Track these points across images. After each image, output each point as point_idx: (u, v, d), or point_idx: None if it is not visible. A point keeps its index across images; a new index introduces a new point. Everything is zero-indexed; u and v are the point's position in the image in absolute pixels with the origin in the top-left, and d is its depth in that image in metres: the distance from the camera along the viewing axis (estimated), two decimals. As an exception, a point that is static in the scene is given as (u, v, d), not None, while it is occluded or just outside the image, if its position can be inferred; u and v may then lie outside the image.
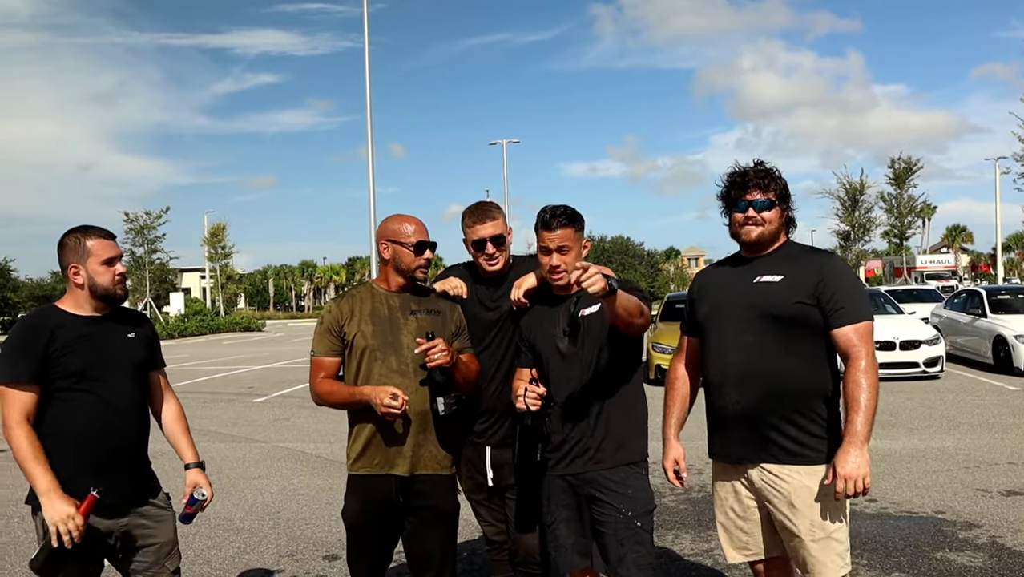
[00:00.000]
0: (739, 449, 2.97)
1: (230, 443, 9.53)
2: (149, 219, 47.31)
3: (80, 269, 2.93)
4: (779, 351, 2.87)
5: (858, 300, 2.85)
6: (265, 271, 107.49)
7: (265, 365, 20.73)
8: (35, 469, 2.78)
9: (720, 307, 3.01)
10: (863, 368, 2.76)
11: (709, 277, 3.17)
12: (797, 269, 2.91)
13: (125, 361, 3.02)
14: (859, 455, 2.71)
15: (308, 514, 6.33)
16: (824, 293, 2.84)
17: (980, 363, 15.07)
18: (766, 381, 2.88)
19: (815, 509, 2.86)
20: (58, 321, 2.91)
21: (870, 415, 2.74)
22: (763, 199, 2.93)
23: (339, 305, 3.25)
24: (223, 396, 14.24)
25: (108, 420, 2.92)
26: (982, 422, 9.49)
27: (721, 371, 2.97)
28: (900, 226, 50.88)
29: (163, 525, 3.07)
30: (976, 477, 6.88)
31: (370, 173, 24.79)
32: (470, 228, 3.43)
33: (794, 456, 2.88)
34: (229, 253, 61.32)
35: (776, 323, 2.87)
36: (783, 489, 2.89)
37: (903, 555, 4.95)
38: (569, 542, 3.07)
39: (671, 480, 3.14)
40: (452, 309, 3.34)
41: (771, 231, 2.96)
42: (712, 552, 5.11)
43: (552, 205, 3.11)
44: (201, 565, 5.14)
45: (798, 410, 2.87)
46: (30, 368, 2.82)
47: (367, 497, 3.19)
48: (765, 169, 2.99)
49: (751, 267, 2.99)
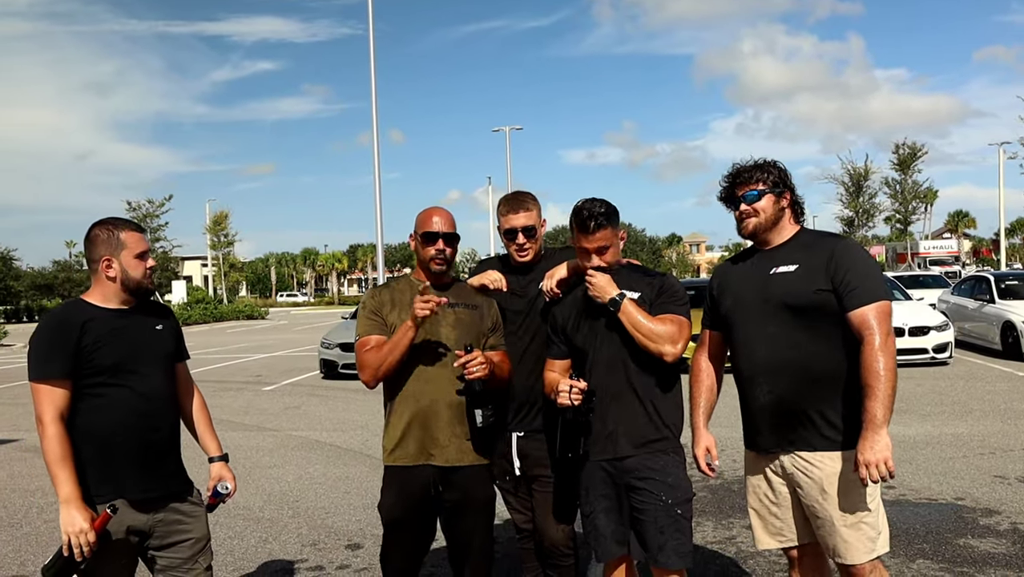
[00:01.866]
0: (772, 438, 2.99)
1: (243, 432, 9.55)
2: (152, 208, 47.38)
3: (113, 262, 2.90)
4: (803, 340, 2.89)
5: (871, 280, 2.84)
6: (267, 259, 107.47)
7: (271, 353, 20.77)
8: (60, 473, 2.74)
9: (741, 301, 3.05)
10: (876, 348, 2.74)
11: (728, 271, 3.20)
12: (810, 256, 2.93)
13: (156, 354, 3.00)
14: (879, 440, 2.71)
15: (327, 503, 6.34)
16: (836, 276, 2.84)
17: (988, 349, 15.08)
18: (794, 370, 2.90)
19: (845, 494, 2.87)
20: (88, 315, 2.87)
21: (886, 398, 2.72)
22: (752, 191, 2.99)
23: (380, 292, 3.31)
24: (232, 384, 14.26)
25: (142, 414, 2.90)
26: (994, 408, 9.50)
27: (751, 364, 3.01)
28: (904, 212, 50.85)
29: (197, 521, 3.05)
30: (992, 463, 6.88)
31: (375, 160, 24.74)
32: (503, 216, 3.45)
33: (826, 441, 2.89)
34: (232, 241, 61.46)
35: (796, 313, 2.89)
36: (815, 475, 2.91)
37: (925, 542, 4.95)
38: (608, 531, 3.07)
39: (702, 468, 3.14)
40: (489, 305, 3.36)
41: (767, 219, 3.00)
42: (735, 540, 5.12)
43: (587, 201, 3.06)
44: (224, 555, 5.15)
45: (827, 397, 2.89)
46: (63, 364, 2.78)
47: (404, 489, 3.19)
48: (754, 164, 3.05)
49: (767, 258, 3.03)
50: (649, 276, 3.16)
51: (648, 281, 3.12)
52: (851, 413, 2.87)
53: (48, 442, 2.75)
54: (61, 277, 60.37)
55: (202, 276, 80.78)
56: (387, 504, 3.24)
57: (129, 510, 2.85)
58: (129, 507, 2.85)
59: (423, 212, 3.30)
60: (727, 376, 3.26)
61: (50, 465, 2.75)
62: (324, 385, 13.52)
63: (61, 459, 2.74)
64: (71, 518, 2.71)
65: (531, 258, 3.47)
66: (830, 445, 2.90)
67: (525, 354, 3.45)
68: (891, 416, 2.75)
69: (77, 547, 2.69)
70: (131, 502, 2.86)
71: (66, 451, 2.75)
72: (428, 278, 3.28)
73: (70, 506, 2.72)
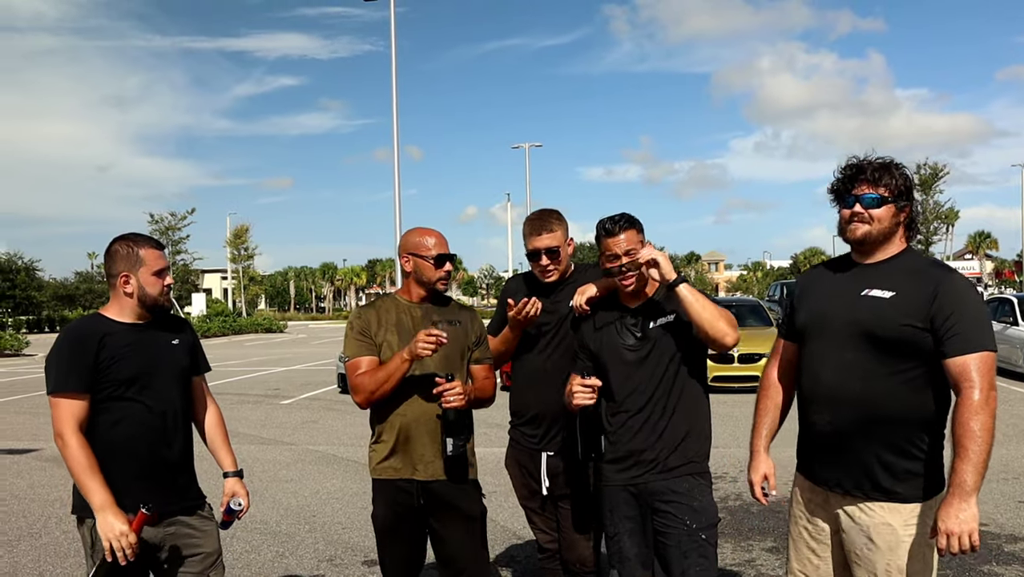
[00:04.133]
0: (824, 471, 2.74)
1: (260, 445, 9.57)
2: (174, 220, 47.82)
3: (131, 278, 2.92)
4: (880, 374, 2.59)
5: (979, 326, 2.51)
6: (286, 272, 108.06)
7: (290, 367, 20.83)
8: (90, 483, 2.76)
9: (821, 316, 2.74)
10: (975, 406, 2.42)
11: (814, 279, 2.88)
12: (911, 286, 2.59)
13: (171, 368, 3.01)
14: (965, 509, 2.39)
15: (344, 518, 6.34)
16: (939, 316, 2.51)
17: (1012, 372, 14.90)
18: (861, 405, 2.61)
19: (895, 551, 2.59)
20: (106, 329, 2.89)
21: (980, 463, 2.40)
22: (873, 194, 2.63)
23: (367, 312, 3.30)
24: (250, 398, 14.31)
25: (156, 428, 2.91)
26: (1018, 432, 9.37)
27: (814, 387, 2.73)
28: (926, 232, 50.52)
29: (208, 535, 3.05)
30: (1016, 489, 6.79)
31: (396, 176, 24.89)
32: (527, 238, 3.46)
33: (882, 491, 2.61)
34: (252, 254, 61.87)
35: (879, 344, 2.58)
36: (863, 522, 2.64)
37: (949, 568, 4.87)
38: (632, 553, 3.04)
39: (756, 496, 2.94)
40: (472, 319, 3.39)
41: (880, 231, 2.66)
42: (754, 562, 5.06)
43: (607, 216, 3.09)
44: (241, 569, 5.15)
45: (893, 441, 2.60)
46: (81, 377, 2.80)
47: (393, 500, 3.23)
48: (881, 163, 2.69)
49: (861, 275, 2.70)
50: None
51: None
52: (916, 464, 2.60)
53: (72, 453, 2.77)
54: (83, 288, 60.99)
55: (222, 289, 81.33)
56: (379, 515, 3.28)
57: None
58: None
59: (421, 233, 3.29)
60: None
61: (78, 476, 2.77)
62: (342, 400, 13.53)
63: (89, 468, 2.76)
64: (109, 524, 2.73)
65: (555, 278, 3.47)
66: (886, 496, 2.61)
67: (553, 372, 3.43)
68: (982, 482, 2.44)
69: (120, 550, 2.71)
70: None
71: (92, 460, 2.77)
72: (428, 298, 3.30)
73: (106, 512, 2.74)
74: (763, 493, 2.93)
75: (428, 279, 3.25)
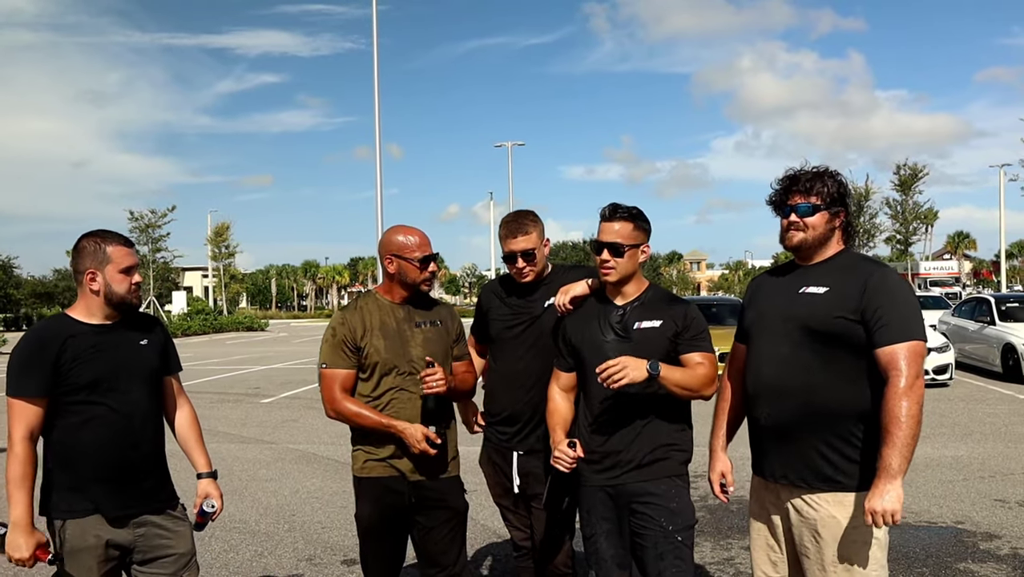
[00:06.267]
0: (771, 465, 2.85)
1: (240, 444, 9.50)
2: (154, 218, 47.45)
3: (97, 275, 2.86)
4: (814, 366, 2.71)
5: (907, 316, 2.62)
6: (267, 271, 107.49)
7: (270, 365, 20.72)
8: (15, 494, 2.73)
9: (764, 315, 2.89)
10: (901, 391, 2.53)
11: (762, 284, 3.03)
12: (844, 281, 2.72)
13: (138, 370, 2.95)
14: (890, 490, 2.52)
15: (323, 518, 6.31)
16: (869, 307, 2.63)
17: (988, 371, 15.05)
18: (798, 397, 2.73)
19: (841, 541, 2.69)
20: (69, 331, 2.83)
21: (905, 447, 2.51)
22: (805, 204, 2.78)
23: (351, 318, 3.23)
24: (230, 396, 14.22)
25: (121, 431, 2.86)
26: (995, 431, 9.46)
27: (755, 383, 2.86)
28: (905, 232, 50.94)
29: (180, 536, 3.01)
30: (993, 487, 6.85)
31: (378, 174, 24.80)
32: (503, 240, 3.45)
33: (825, 481, 2.71)
34: (233, 252, 61.48)
35: (814, 337, 2.71)
36: (810, 516, 2.75)
37: (925, 565, 4.92)
38: (609, 554, 3.04)
39: (716, 493, 3.06)
40: (452, 318, 3.41)
41: (815, 237, 2.80)
42: (733, 561, 5.08)
43: (616, 202, 3.09)
44: (219, 569, 5.11)
45: (831, 431, 2.70)
46: (39, 381, 2.76)
47: (381, 499, 3.21)
48: (815, 172, 2.83)
49: (801, 276, 2.85)
50: (672, 304, 3.09)
51: (670, 312, 3.04)
52: (854, 451, 2.69)
53: (11, 461, 2.74)
54: (62, 286, 60.32)
55: (202, 287, 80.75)
56: (364, 514, 3.25)
57: (108, 526, 2.83)
58: (107, 523, 2.83)
59: (404, 233, 3.25)
60: None
61: (8, 484, 2.73)
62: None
63: (20, 479, 2.73)
64: (16, 542, 2.72)
65: (532, 279, 3.47)
66: (830, 486, 2.70)
67: (526, 373, 3.44)
68: (908, 466, 2.54)
69: (15, 565, 2.71)
70: (109, 519, 2.83)
71: (27, 472, 2.74)
72: (410, 298, 3.29)
73: (18, 530, 2.72)
74: (722, 490, 3.05)
75: (412, 280, 3.24)
